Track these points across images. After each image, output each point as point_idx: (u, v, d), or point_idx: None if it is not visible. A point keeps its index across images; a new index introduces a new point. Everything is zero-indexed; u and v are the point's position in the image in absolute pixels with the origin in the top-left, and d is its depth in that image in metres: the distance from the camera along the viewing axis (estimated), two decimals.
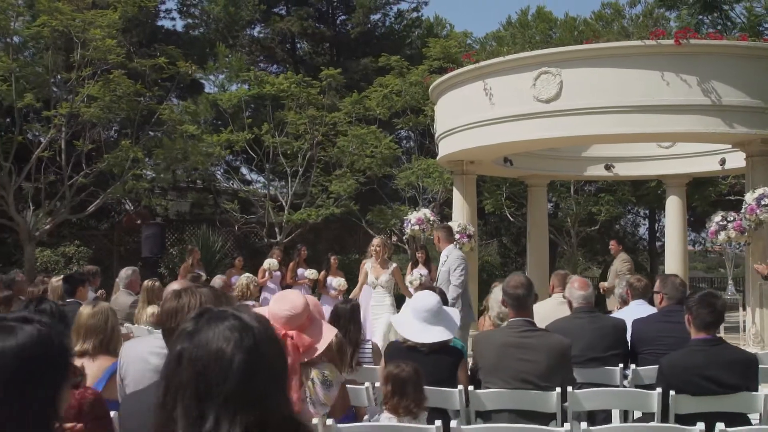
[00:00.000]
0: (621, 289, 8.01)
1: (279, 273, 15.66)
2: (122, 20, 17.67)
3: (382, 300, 11.51)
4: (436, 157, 21.96)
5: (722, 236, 13.17)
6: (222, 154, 21.42)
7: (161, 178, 20.25)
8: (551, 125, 12.95)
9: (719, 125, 12.26)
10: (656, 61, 12.30)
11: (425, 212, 16.22)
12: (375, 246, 11.69)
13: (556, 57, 13.13)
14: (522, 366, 5.10)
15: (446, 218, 17.87)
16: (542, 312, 6.75)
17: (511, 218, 26.63)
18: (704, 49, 12.44)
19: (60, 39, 17.10)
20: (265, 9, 30.52)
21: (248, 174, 25.41)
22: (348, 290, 14.54)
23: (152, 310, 9.31)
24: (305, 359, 4.00)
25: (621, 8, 34.94)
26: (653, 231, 35.56)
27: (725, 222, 13.12)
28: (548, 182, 19.56)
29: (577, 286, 6.39)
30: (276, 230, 22.29)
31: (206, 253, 18.88)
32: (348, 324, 6.07)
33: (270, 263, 15.28)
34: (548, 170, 18.27)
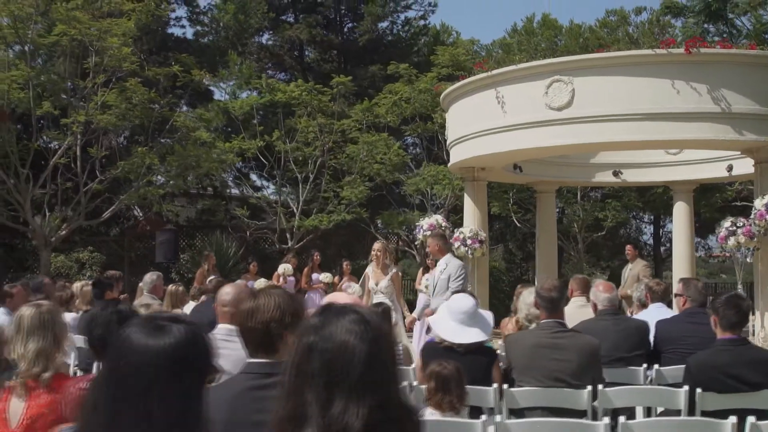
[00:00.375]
0: (639, 293, 8.20)
1: (293, 278, 15.87)
2: (137, 28, 17.92)
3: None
4: (446, 164, 22.34)
5: (732, 241, 13.39)
6: (234, 161, 21.63)
7: (174, 185, 20.45)
8: (563, 132, 13.14)
9: (729, 132, 12.45)
10: (667, 70, 12.49)
11: (437, 218, 16.45)
12: (375, 250, 11.75)
13: (568, 65, 13.33)
14: (554, 365, 5.33)
15: (455, 224, 18.05)
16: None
17: (519, 224, 26.83)
18: (714, 58, 12.64)
19: (78, 48, 17.29)
20: (274, 17, 30.82)
21: (257, 180, 25.57)
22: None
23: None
24: None
25: (626, 15, 35.14)
26: (657, 236, 35.72)
27: (735, 227, 13.34)
28: (557, 188, 19.75)
29: (602, 289, 6.63)
30: (287, 236, 22.49)
31: (220, 259, 19.07)
32: None
33: (285, 268, 15.49)
34: (557, 177, 18.45)
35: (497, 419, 4.22)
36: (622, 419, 4.26)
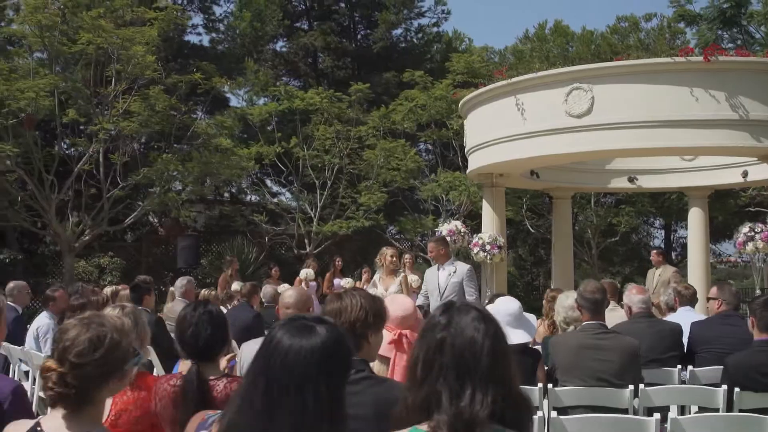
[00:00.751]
0: (667, 297, 8.39)
1: (314, 283, 16.06)
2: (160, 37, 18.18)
3: None
4: (463, 170, 22.53)
5: (750, 246, 13.58)
6: (253, 167, 21.87)
7: (195, 190, 20.69)
8: (583, 139, 13.30)
9: (747, 139, 12.60)
10: (685, 78, 12.64)
11: (456, 224, 16.61)
12: (390, 255, 11.37)
13: (588, 73, 13.49)
14: (597, 365, 5.54)
15: (471, 230, 18.21)
16: None
17: (532, 229, 27.03)
18: (732, 66, 12.80)
19: (102, 55, 17.54)
20: (288, 24, 31.17)
21: (273, 186, 25.81)
22: None
23: None
24: None
25: (637, 21, 35.36)
26: (669, 242, 35.91)
27: (753, 233, 13.52)
28: (572, 194, 19.93)
29: (636, 292, 6.85)
30: (306, 241, 22.72)
31: (240, 264, 19.27)
32: None
33: (307, 273, 15.68)
34: (573, 183, 18.61)
35: (553, 415, 4.42)
36: (673, 413, 4.46)
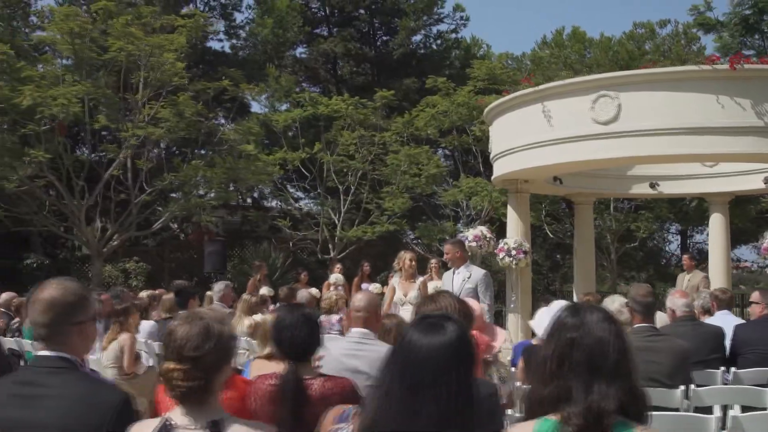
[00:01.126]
0: (702, 300, 8.55)
1: (342, 288, 16.24)
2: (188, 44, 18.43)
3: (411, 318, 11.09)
4: (484, 176, 22.73)
5: None
6: (278, 173, 22.09)
7: (222, 196, 20.92)
8: (609, 146, 13.46)
9: None
10: (711, 85, 12.78)
11: (481, 229, 16.80)
12: (407, 259, 11.16)
13: (615, 81, 13.66)
14: (650, 367, 5.72)
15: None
16: None
17: (551, 234, 27.21)
18: (757, 74, 12.91)
19: (132, 63, 17.79)
20: (309, 31, 31.49)
21: (294, 192, 26.01)
22: None
23: (249, 322, 9.99)
24: (487, 357, 4.62)
25: (653, 27, 35.52)
26: (684, 247, 36.00)
27: None
28: (594, 200, 20.09)
29: (679, 296, 7.06)
30: (329, 246, 22.93)
31: (268, 269, 19.50)
32: None
33: (336, 278, 15.85)
34: (595, 188, 18.77)
35: None
36: (732, 412, 4.65)
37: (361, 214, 23.22)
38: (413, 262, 11.13)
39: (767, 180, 16.64)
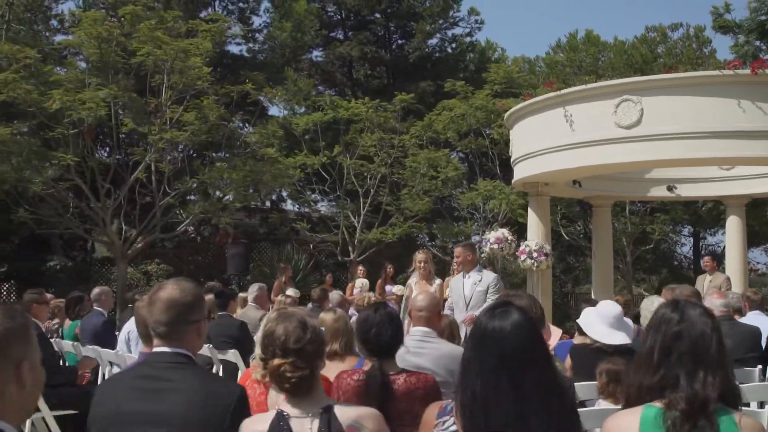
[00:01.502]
0: (732, 301, 8.73)
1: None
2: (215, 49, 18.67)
3: None
4: (500, 179, 22.92)
5: None
6: (299, 176, 22.29)
7: (247, 197, 21.13)
8: (632, 150, 13.65)
9: None
10: (733, 90, 12.94)
11: (503, 231, 17.00)
12: (420, 261, 11.22)
13: (637, 86, 13.85)
14: None
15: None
16: None
17: (567, 237, 27.39)
18: None
19: (157, 67, 18.00)
20: (325, 34, 31.76)
21: (312, 195, 26.19)
22: None
23: None
24: None
25: (665, 31, 35.69)
26: (697, 250, 36.11)
27: None
28: (612, 203, 20.28)
29: (717, 297, 7.28)
30: (349, 249, 23.14)
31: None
32: None
33: (362, 283, 16.05)
34: (613, 191, 18.95)
35: None
36: None
37: (380, 217, 23.39)
38: (425, 264, 11.09)
39: None
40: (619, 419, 2.92)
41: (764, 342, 7.24)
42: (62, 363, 10.15)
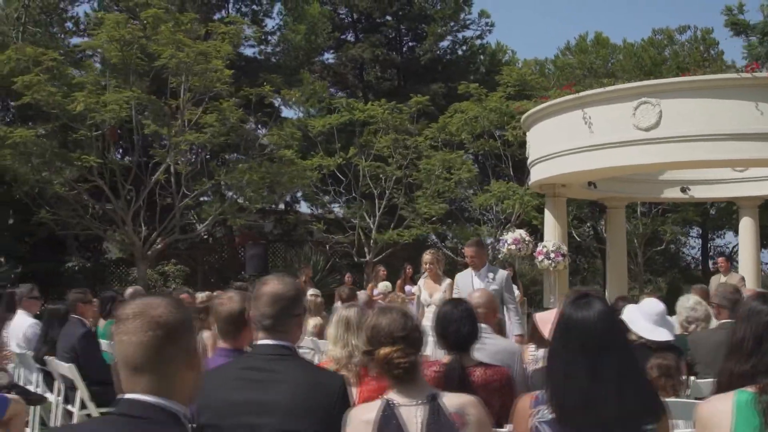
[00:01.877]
0: None
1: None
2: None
3: None
4: (514, 180, 23.07)
5: None
6: (316, 177, 22.47)
7: (266, 198, 21.31)
8: (651, 151, 13.80)
9: None
10: (750, 93, 13.09)
11: (520, 232, 17.18)
12: (428, 262, 10.68)
13: (655, 88, 14.01)
14: None
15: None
16: None
17: (578, 238, 27.56)
18: None
19: (181, 70, 18.16)
20: (337, 36, 32.00)
21: (326, 196, 26.34)
22: None
23: (314, 322, 10.34)
24: None
25: (672, 34, 35.89)
26: (705, 251, 36.29)
27: None
28: (626, 204, 20.43)
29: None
30: (365, 250, 23.32)
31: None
32: None
33: (386, 286, 16.20)
34: (627, 192, 19.12)
35: None
36: None
37: (396, 219, 23.56)
38: (431, 265, 10.63)
39: None
40: (713, 404, 3.08)
41: None
42: None
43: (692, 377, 6.28)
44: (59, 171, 18.04)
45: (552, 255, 16.27)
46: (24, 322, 9.44)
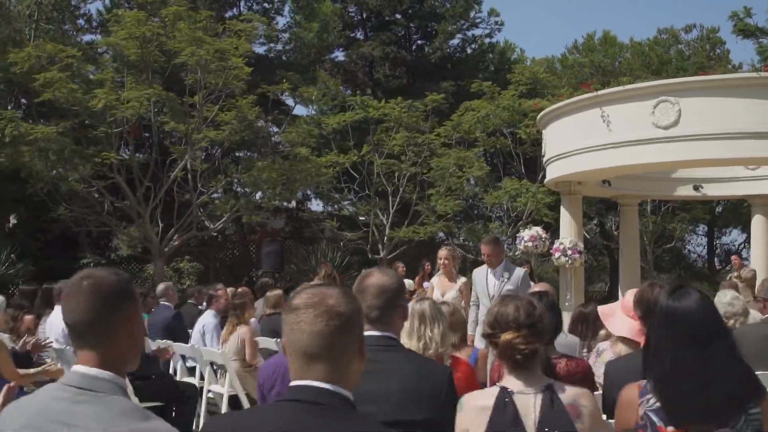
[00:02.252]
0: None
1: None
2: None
3: None
4: (526, 178, 23.17)
5: None
6: (332, 174, 22.55)
7: (283, 196, 21.42)
8: (670, 150, 13.86)
9: None
10: None
11: (537, 230, 17.27)
12: (443, 258, 10.57)
13: (675, 87, 14.07)
14: None
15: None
16: None
17: (588, 236, 27.67)
18: None
19: (201, 67, 18.24)
20: (347, 35, 32.12)
21: (336, 194, 26.43)
22: None
23: None
24: None
25: (677, 33, 36.00)
26: (711, 248, 36.48)
27: None
28: (639, 202, 20.53)
29: None
30: (379, 247, 23.42)
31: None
32: None
33: (409, 284, 16.33)
34: (640, 190, 19.21)
35: None
36: None
37: (409, 216, 23.65)
38: (446, 260, 10.51)
39: None
40: None
41: None
42: None
43: None
44: (76, 168, 18.10)
45: (569, 252, 16.37)
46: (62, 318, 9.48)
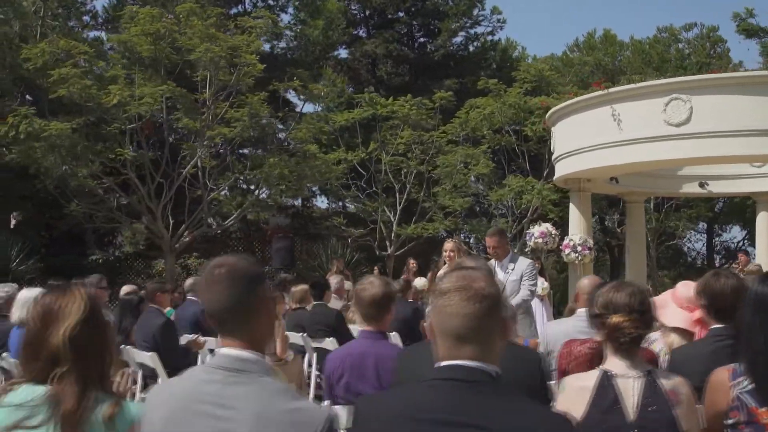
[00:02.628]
0: None
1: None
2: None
3: None
4: (530, 175, 23.28)
5: None
6: (341, 171, 22.63)
7: (293, 192, 21.50)
8: (682, 147, 13.99)
9: None
10: None
11: (547, 226, 17.40)
12: (448, 250, 10.57)
13: (686, 85, 14.22)
14: None
15: None
16: None
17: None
18: None
19: (214, 64, 18.27)
20: (350, 32, 32.21)
21: (340, 190, 26.52)
22: None
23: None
24: None
25: (676, 32, 36.16)
26: (711, 245, 36.64)
27: None
28: (645, 199, 20.66)
29: None
30: (387, 243, 23.52)
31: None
32: None
33: (423, 283, 16.45)
34: (647, 187, 19.34)
35: None
36: None
37: (415, 213, 23.75)
38: (450, 252, 10.49)
39: None
40: None
41: None
42: None
43: None
44: (87, 164, 18.14)
45: (579, 248, 16.52)
46: None
